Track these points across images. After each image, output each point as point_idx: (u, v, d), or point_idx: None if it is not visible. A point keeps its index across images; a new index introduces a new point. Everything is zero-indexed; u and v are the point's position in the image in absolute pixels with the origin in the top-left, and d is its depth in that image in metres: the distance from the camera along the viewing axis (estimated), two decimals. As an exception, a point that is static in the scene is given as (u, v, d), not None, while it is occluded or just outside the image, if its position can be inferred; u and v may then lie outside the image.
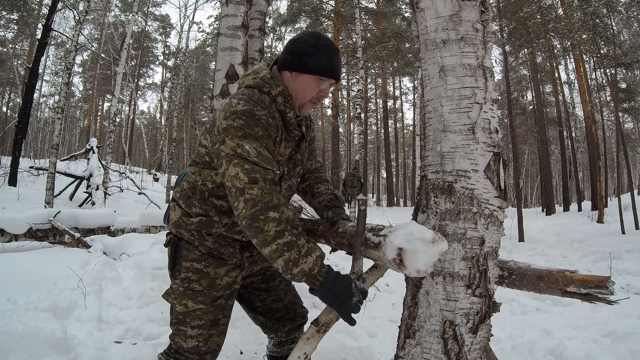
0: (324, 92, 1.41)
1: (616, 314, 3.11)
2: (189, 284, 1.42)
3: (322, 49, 1.37)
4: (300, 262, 1.17)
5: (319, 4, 16.91)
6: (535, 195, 30.43)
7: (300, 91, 1.39)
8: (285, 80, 1.41)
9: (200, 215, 1.43)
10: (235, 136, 1.25)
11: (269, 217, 1.17)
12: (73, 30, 8.35)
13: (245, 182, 1.21)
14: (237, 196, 1.21)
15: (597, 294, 1.17)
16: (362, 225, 1.30)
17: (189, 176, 1.49)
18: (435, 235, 1.16)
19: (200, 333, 1.43)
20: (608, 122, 17.98)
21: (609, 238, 7.11)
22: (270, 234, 1.17)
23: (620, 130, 10.01)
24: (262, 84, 1.37)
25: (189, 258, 1.44)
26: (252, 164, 1.22)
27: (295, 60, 1.37)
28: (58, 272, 2.97)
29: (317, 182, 1.67)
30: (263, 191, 1.20)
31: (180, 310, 1.44)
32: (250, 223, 1.19)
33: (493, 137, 1.31)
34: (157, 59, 28.48)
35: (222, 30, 3.41)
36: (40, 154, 22.65)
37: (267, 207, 1.18)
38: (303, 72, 1.37)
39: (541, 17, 12.52)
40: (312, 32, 1.45)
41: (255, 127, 1.26)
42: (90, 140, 8.75)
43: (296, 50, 1.38)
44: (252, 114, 1.27)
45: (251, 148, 1.23)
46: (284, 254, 1.17)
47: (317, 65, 1.36)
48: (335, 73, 1.40)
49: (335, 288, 1.18)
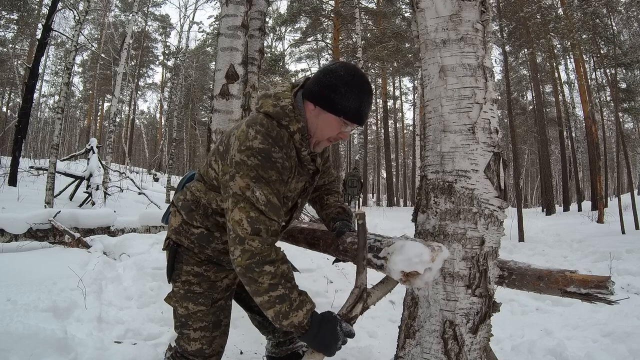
0: (344, 135, 1.32)
1: (616, 314, 3.10)
2: (189, 287, 1.42)
3: (355, 91, 1.25)
4: (290, 315, 1.16)
5: (319, 4, 16.91)
6: (535, 195, 30.42)
7: (320, 129, 1.30)
8: (307, 111, 1.31)
9: (201, 228, 1.41)
10: (247, 175, 1.18)
11: (264, 270, 1.16)
12: (73, 30, 8.34)
13: (247, 233, 1.17)
14: (236, 244, 1.18)
15: (597, 294, 1.17)
16: (363, 239, 1.29)
17: (194, 189, 1.44)
18: (432, 254, 1.17)
19: (203, 335, 1.42)
20: (608, 122, 17.97)
21: (609, 238, 7.10)
22: (264, 286, 1.16)
23: (620, 130, 10.01)
24: (282, 115, 1.26)
25: (189, 262, 1.43)
26: (258, 213, 1.17)
27: (324, 95, 1.26)
28: (58, 272, 2.96)
29: (327, 194, 1.66)
30: (263, 245, 1.17)
31: (182, 312, 1.43)
32: (244, 272, 1.17)
33: (493, 137, 1.31)
34: (157, 59, 28.45)
35: (222, 30, 3.41)
36: (40, 154, 22.64)
37: (264, 261, 1.16)
38: (328, 110, 1.27)
39: (541, 17, 12.51)
40: (349, 66, 1.31)
41: (270, 171, 1.20)
42: (90, 140, 8.74)
43: (327, 83, 1.26)
44: (269, 156, 1.20)
45: (261, 195, 1.18)
46: (275, 306, 1.16)
47: (345, 108, 1.25)
48: (362, 119, 1.29)
49: (320, 335, 1.17)
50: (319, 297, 3.12)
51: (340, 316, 1.21)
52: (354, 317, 1.26)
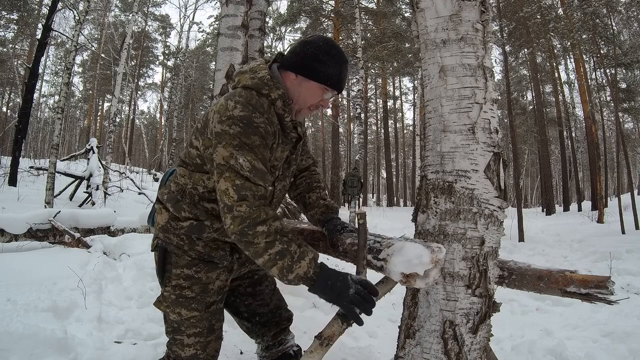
0: (325, 102, 1.38)
1: (616, 314, 3.10)
2: (180, 292, 1.38)
3: (335, 59, 1.33)
4: (294, 267, 1.17)
5: (319, 4, 16.91)
6: (535, 195, 30.41)
7: (302, 97, 1.35)
8: (287, 81, 1.35)
9: (190, 219, 1.38)
10: (230, 144, 1.20)
11: (257, 231, 1.17)
12: (73, 30, 8.35)
13: (234, 200, 1.18)
14: (226, 213, 1.19)
15: (597, 294, 1.17)
16: (363, 239, 1.30)
17: (177, 178, 1.42)
18: (432, 255, 1.17)
19: (197, 341, 1.39)
20: (608, 122, 17.96)
21: (609, 238, 7.10)
22: (261, 246, 1.17)
23: (620, 130, 10.01)
24: (261, 85, 1.30)
25: (178, 264, 1.39)
26: (243, 180, 1.19)
27: (305, 65, 1.32)
28: (58, 272, 2.97)
29: (308, 191, 1.63)
30: (251, 208, 1.18)
31: (175, 318, 1.40)
32: (240, 238, 1.18)
33: (493, 137, 1.31)
34: (157, 59, 28.44)
35: (222, 30, 3.41)
36: (40, 154, 22.65)
37: (255, 222, 1.17)
38: (310, 78, 1.32)
39: (541, 17, 12.51)
40: (326, 38, 1.39)
41: (253, 136, 1.21)
42: (90, 140, 8.74)
43: (308, 54, 1.32)
44: (250, 121, 1.22)
45: (245, 161, 1.19)
46: (277, 263, 1.17)
47: (327, 75, 1.32)
48: (342, 86, 1.37)
49: (331, 281, 1.18)
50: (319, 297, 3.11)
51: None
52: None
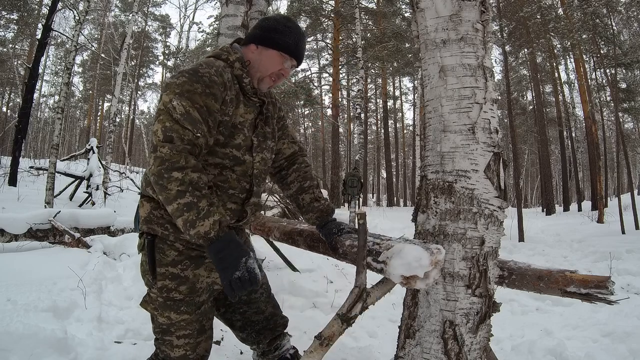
0: (285, 70, 1.44)
1: (616, 314, 3.10)
2: (168, 294, 1.33)
3: (292, 30, 1.43)
4: (197, 224, 1.16)
5: (319, 4, 16.90)
6: (535, 195, 30.41)
7: (263, 64, 1.42)
8: (249, 53, 1.44)
9: None
10: (172, 92, 1.24)
11: (172, 176, 1.17)
12: (73, 30, 8.35)
13: (159, 140, 1.19)
14: (151, 152, 1.21)
15: (597, 294, 1.17)
16: (363, 240, 1.30)
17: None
18: (431, 257, 1.17)
19: (187, 342, 1.37)
20: (608, 122, 17.97)
21: (609, 238, 7.10)
22: (172, 193, 1.17)
23: (620, 130, 10.01)
24: (219, 52, 1.41)
25: (162, 262, 1.34)
26: (173, 122, 1.21)
27: (264, 35, 1.42)
28: (58, 272, 2.97)
29: (301, 192, 1.62)
30: (173, 151, 1.18)
31: (164, 321, 1.36)
32: (156, 180, 1.19)
33: (493, 137, 1.31)
34: (157, 59, 28.42)
35: (222, 30, 3.41)
36: (40, 154, 22.66)
37: (173, 167, 1.17)
38: (269, 47, 1.41)
39: (541, 17, 12.51)
40: (285, 15, 1.52)
41: (195, 84, 1.25)
42: (90, 140, 8.75)
43: (267, 26, 1.44)
44: (196, 72, 1.27)
45: (179, 105, 1.22)
46: (184, 214, 1.17)
47: (285, 43, 1.41)
48: (300, 54, 1.45)
49: (223, 253, 1.18)
50: (319, 297, 3.12)
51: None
52: (354, 317, 1.26)
